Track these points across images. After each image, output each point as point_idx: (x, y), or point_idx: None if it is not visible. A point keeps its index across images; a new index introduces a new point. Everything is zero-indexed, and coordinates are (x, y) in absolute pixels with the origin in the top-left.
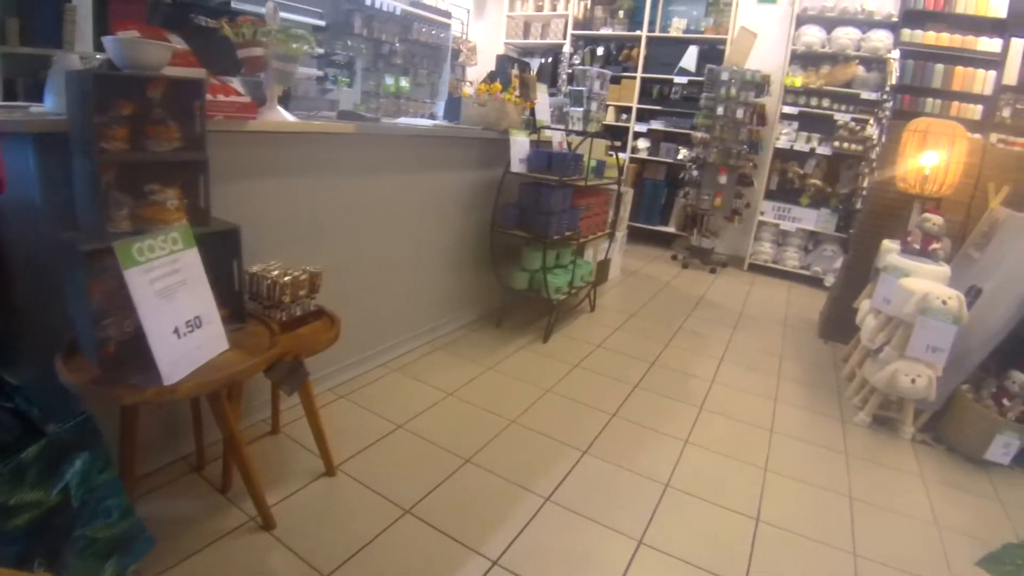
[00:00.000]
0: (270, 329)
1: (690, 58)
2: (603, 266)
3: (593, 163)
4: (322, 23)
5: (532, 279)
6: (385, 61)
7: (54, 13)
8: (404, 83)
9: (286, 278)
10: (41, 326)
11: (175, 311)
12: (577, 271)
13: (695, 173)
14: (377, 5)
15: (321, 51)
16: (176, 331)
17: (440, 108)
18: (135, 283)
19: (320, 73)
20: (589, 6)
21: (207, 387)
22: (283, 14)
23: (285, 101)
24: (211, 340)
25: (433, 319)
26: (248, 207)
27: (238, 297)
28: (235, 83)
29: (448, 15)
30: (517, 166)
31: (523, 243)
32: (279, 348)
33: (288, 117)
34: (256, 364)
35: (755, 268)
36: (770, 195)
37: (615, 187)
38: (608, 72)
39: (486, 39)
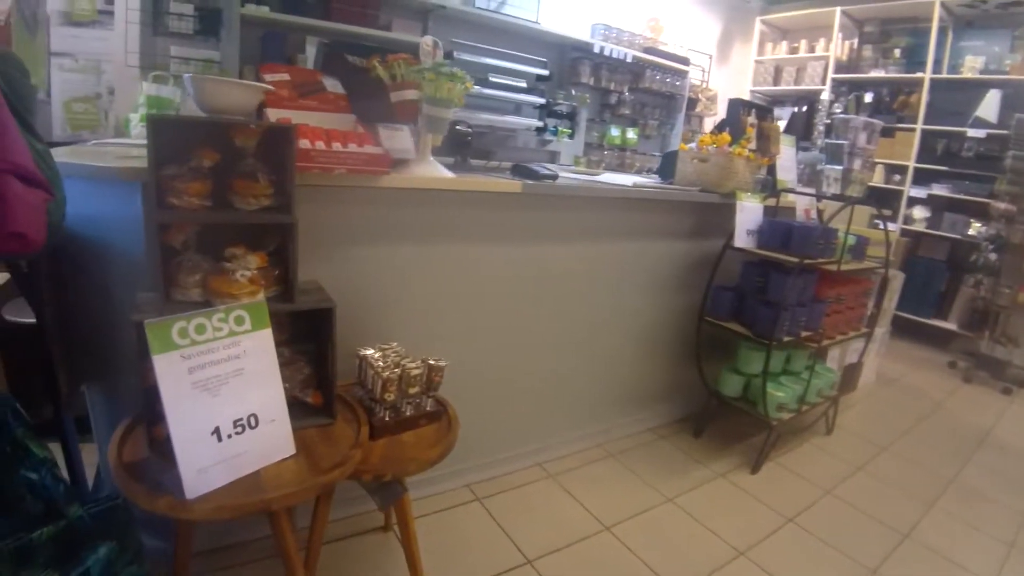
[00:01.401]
0: (357, 434)
1: (989, 106)
2: (851, 372)
3: (851, 239)
4: (545, 72)
5: (748, 386)
6: (611, 111)
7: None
8: (631, 135)
9: (391, 371)
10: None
11: (219, 407)
12: (813, 383)
13: (991, 256)
14: (607, 52)
15: (542, 100)
16: (216, 432)
17: None
18: (164, 372)
19: (539, 123)
20: (856, 45)
21: (231, 512)
22: (504, 63)
23: (488, 153)
24: (269, 444)
25: (609, 417)
26: (378, 275)
27: (328, 388)
28: (387, 132)
29: (686, 62)
30: (743, 239)
31: (739, 337)
32: (351, 464)
33: (442, 173)
34: (305, 490)
35: None
36: None
37: (880, 271)
38: (878, 122)
39: (728, 87)
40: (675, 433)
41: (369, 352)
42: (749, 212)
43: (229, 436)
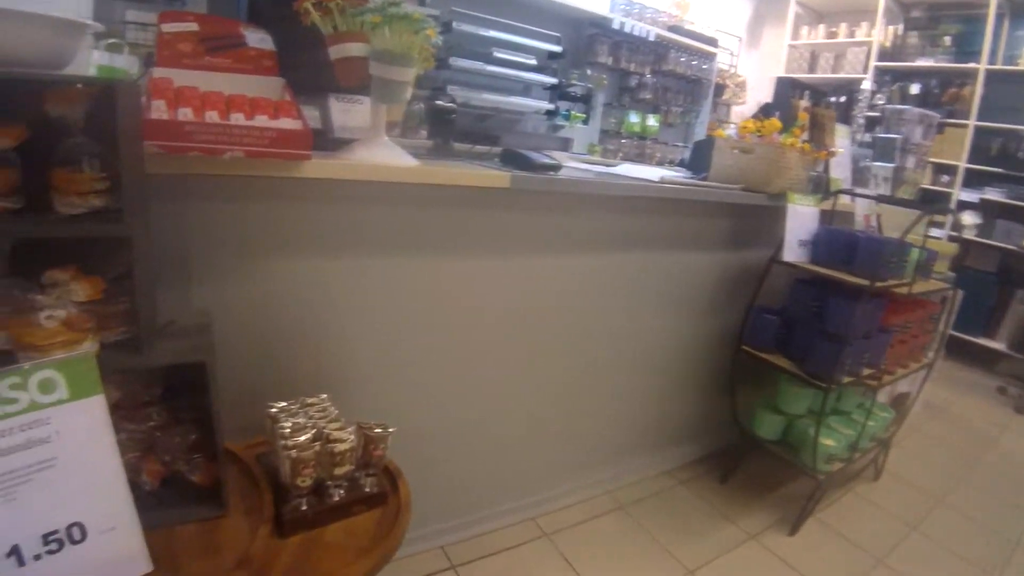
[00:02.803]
0: (254, 534)
1: None
2: (901, 405)
3: (922, 255)
4: (558, 49)
5: (789, 429)
6: (631, 95)
7: None
8: (652, 122)
9: (304, 448)
10: None
11: (15, 518)
12: (868, 427)
13: None
14: (627, 29)
15: (554, 81)
16: (15, 553)
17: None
18: None
19: (550, 106)
20: (901, 31)
21: None
22: (512, 36)
23: (447, 137)
24: (105, 563)
25: (620, 459)
26: (302, 299)
27: (212, 467)
28: (341, 105)
29: (714, 43)
30: (794, 252)
31: (780, 372)
32: None
33: (397, 159)
34: None
35: None
36: None
37: (948, 291)
38: (935, 115)
39: (759, 73)
40: (697, 477)
41: (279, 410)
42: (802, 218)
43: (37, 558)
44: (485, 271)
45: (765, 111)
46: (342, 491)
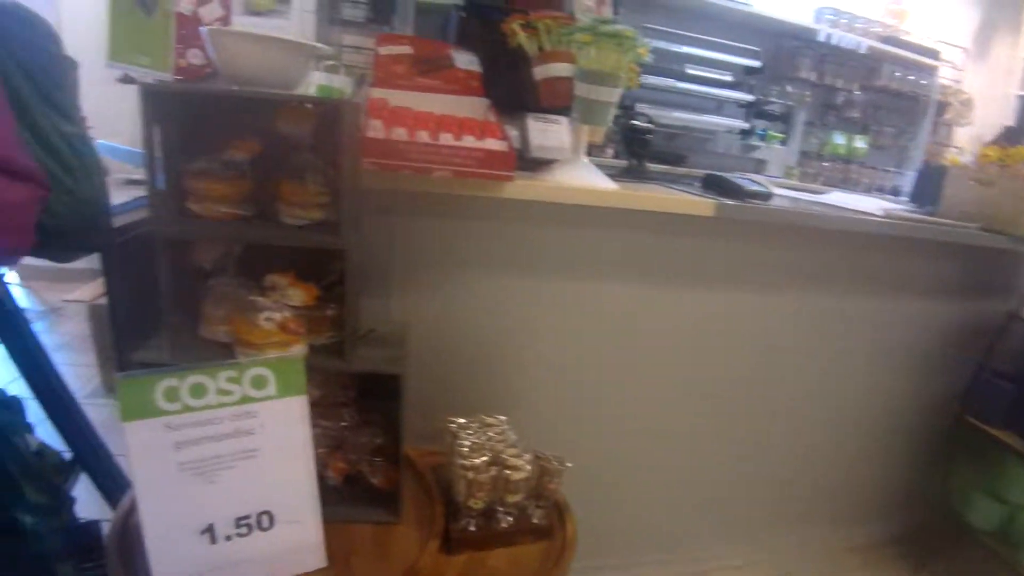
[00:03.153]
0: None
1: None
2: None
3: None
4: (756, 64)
5: (1011, 521)
6: (836, 114)
7: None
8: (860, 143)
9: (480, 471)
10: None
11: (216, 499)
12: None
13: None
14: (834, 41)
15: (750, 98)
16: (209, 531)
17: (908, 182)
18: (140, 445)
19: (745, 125)
20: None
21: None
22: (705, 51)
23: (679, 158)
24: (285, 552)
25: (794, 524)
26: (493, 316)
27: (392, 474)
28: (538, 124)
29: (935, 55)
30: None
31: (1009, 452)
32: None
33: (597, 181)
34: None
35: None
36: None
37: None
38: None
39: (989, 89)
40: (886, 560)
41: (459, 427)
42: None
43: (228, 538)
44: (677, 303)
45: (1009, 136)
46: (511, 518)
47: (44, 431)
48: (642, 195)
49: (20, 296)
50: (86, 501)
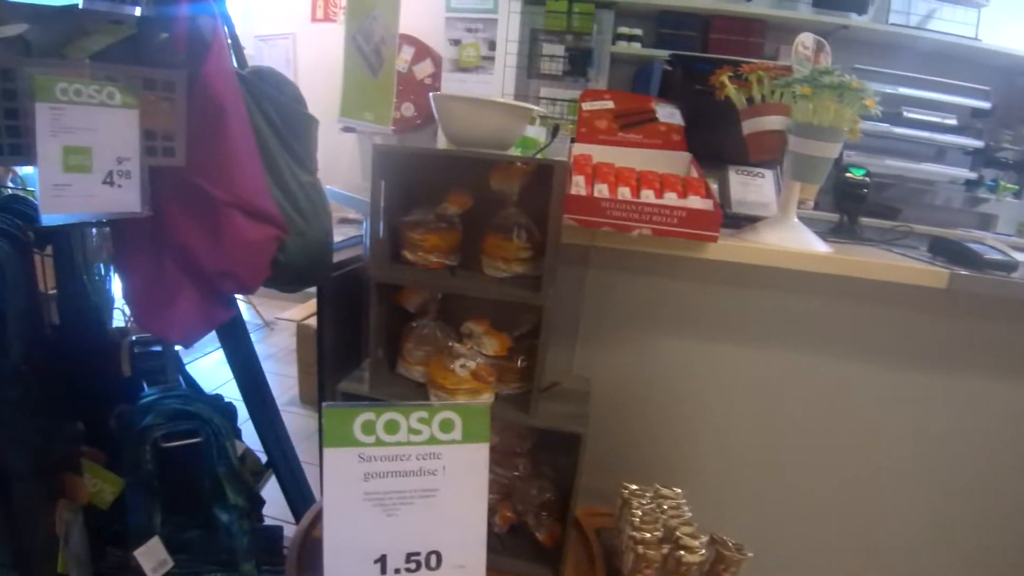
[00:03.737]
0: None
1: None
2: None
3: None
4: (985, 104)
5: None
6: None
7: None
8: None
9: (651, 546)
10: None
11: (393, 531)
12: None
13: None
14: None
15: (977, 144)
16: (381, 562)
17: None
18: (334, 470)
19: (971, 175)
20: None
21: None
22: (924, 92)
23: (855, 215)
24: None
25: None
26: (681, 380)
27: (557, 531)
28: (741, 179)
29: None
30: None
31: None
32: None
33: (810, 244)
34: None
35: None
36: None
37: None
38: None
39: None
40: None
41: (632, 494)
42: None
43: (396, 571)
44: (888, 385)
45: None
46: None
47: (246, 431)
48: (861, 261)
49: (243, 310)
50: (272, 502)
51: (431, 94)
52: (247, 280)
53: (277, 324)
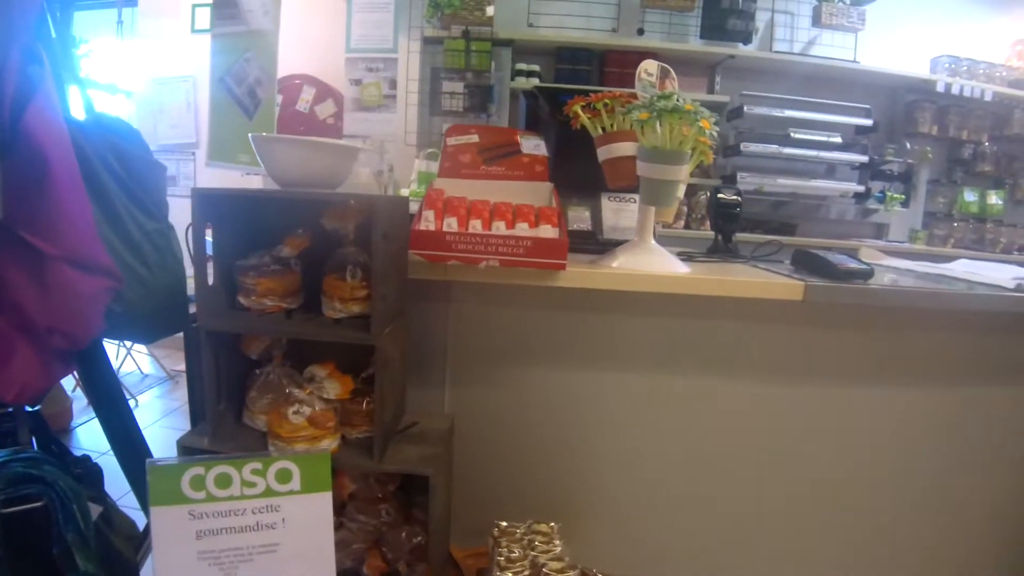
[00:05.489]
0: None
1: None
2: None
3: None
4: (868, 122)
5: None
6: (965, 169)
7: None
8: (995, 200)
9: None
10: None
11: None
12: None
13: None
14: (955, 91)
15: (864, 159)
16: None
17: None
18: (163, 530)
19: (859, 188)
20: None
21: None
22: (811, 114)
23: (729, 233)
24: None
25: None
26: (550, 412)
27: None
28: (614, 205)
29: None
30: None
31: None
32: None
33: (666, 265)
34: None
35: None
36: None
37: None
38: None
39: None
40: None
41: (502, 532)
42: None
43: None
44: (759, 399)
45: None
46: None
47: None
48: (713, 280)
49: (145, 364)
50: None
51: (250, 136)
52: (76, 334)
53: (183, 376)
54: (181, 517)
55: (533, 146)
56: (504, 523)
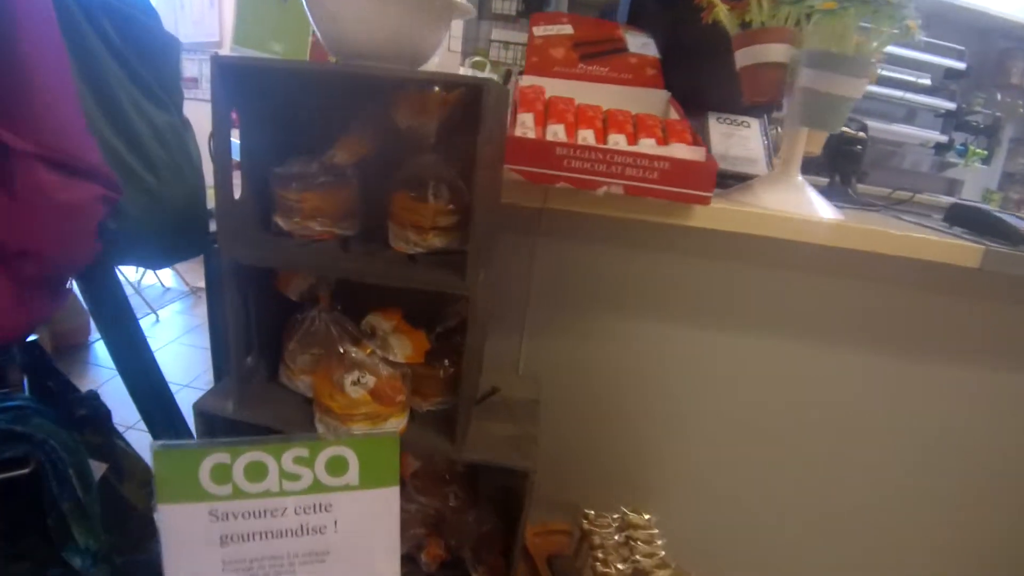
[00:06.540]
0: None
1: None
2: None
3: None
4: (960, 65)
5: None
6: None
7: None
8: None
9: None
10: None
11: None
12: None
13: None
14: None
15: (950, 105)
16: None
17: None
18: (175, 533)
19: (942, 138)
20: None
21: None
22: (897, 49)
23: (849, 176)
24: None
25: None
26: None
27: (498, 568)
28: (722, 127)
29: None
30: None
31: None
32: None
33: (817, 209)
34: None
35: None
36: None
37: None
38: None
39: None
40: None
41: (593, 524)
42: None
43: None
44: (909, 381)
45: None
46: None
47: None
48: (884, 233)
49: (167, 277)
50: None
51: None
52: (57, 258)
53: (202, 292)
54: (199, 517)
55: (641, 44)
56: (592, 512)
